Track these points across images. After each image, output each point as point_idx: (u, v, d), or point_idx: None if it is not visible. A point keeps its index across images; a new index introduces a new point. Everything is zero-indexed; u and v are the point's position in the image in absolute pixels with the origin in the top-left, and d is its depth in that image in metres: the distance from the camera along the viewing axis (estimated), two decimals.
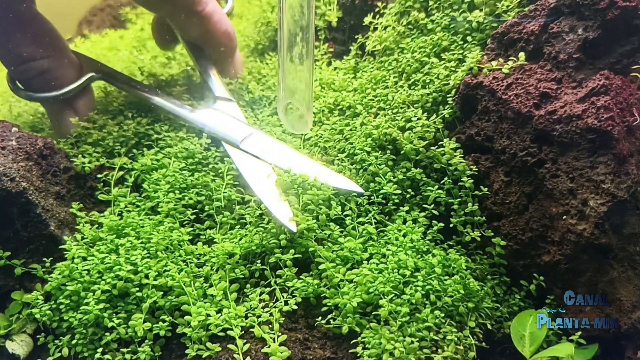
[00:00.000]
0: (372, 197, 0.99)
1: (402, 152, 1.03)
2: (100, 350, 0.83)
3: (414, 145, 1.01)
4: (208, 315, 0.85)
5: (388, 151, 1.04)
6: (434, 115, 1.05)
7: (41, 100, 1.11)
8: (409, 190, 1.00)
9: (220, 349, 0.82)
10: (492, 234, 0.95)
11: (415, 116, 1.04)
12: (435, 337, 0.82)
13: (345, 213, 0.97)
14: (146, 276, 0.89)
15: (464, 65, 1.04)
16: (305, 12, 0.88)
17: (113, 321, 0.85)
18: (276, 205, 0.94)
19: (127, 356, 0.83)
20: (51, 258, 0.92)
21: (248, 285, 0.92)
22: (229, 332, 0.83)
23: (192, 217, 1.00)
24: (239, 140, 1.06)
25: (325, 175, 0.99)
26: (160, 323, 0.85)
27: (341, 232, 0.96)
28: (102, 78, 1.14)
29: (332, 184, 0.97)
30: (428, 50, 1.13)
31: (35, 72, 1.04)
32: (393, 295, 0.85)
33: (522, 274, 0.93)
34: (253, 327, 0.85)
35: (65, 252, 0.92)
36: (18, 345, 0.87)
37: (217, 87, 1.19)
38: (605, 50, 0.93)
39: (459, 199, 0.97)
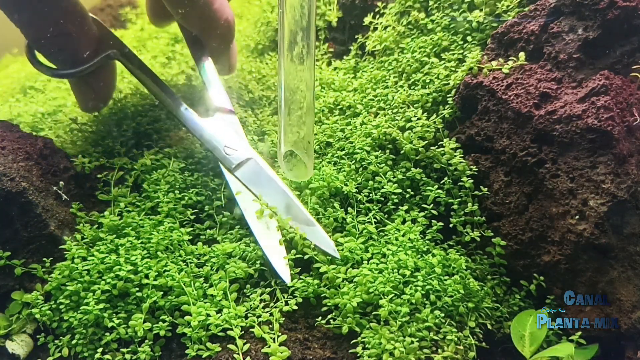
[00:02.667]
0: (371, 195, 0.99)
1: (402, 151, 1.03)
2: (100, 350, 0.83)
3: (413, 145, 1.01)
4: (208, 315, 0.85)
5: (388, 151, 1.04)
6: (434, 115, 1.05)
7: (59, 76, 1.08)
8: (409, 190, 1.00)
9: (220, 349, 0.82)
10: (492, 234, 0.95)
11: (415, 116, 1.04)
12: (435, 337, 0.82)
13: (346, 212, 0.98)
14: (146, 276, 0.89)
15: (464, 65, 1.04)
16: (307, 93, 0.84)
17: (113, 321, 0.85)
18: (273, 251, 0.91)
19: (127, 356, 0.83)
20: (51, 258, 0.92)
21: (248, 286, 0.92)
22: (229, 332, 0.83)
23: (192, 217, 1.00)
24: (233, 165, 1.00)
25: (310, 230, 0.93)
26: (160, 323, 0.85)
27: (341, 231, 0.96)
28: (118, 58, 1.04)
29: (314, 241, 0.91)
30: (428, 50, 1.13)
31: (54, 47, 0.97)
32: (393, 295, 0.85)
33: (522, 274, 0.93)
34: (253, 327, 0.85)
35: (65, 252, 0.92)
36: (18, 345, 0.87)
37: (217, 95, 1.08)
38: (605, 50, 0.93)
39: (459, 199, 0.97)
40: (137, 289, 0.88)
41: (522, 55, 0.98)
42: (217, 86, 1.09)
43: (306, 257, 0.89)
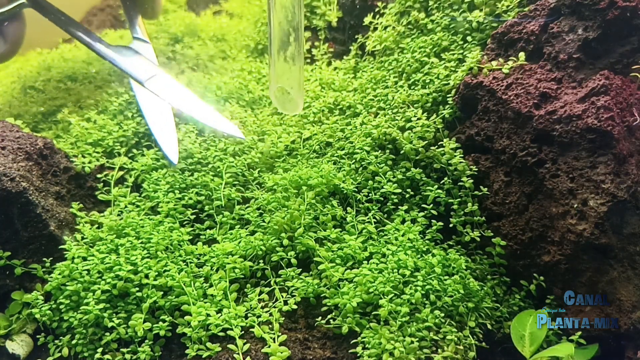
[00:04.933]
0: (371, 195, 0.99)
1: (402, 151, 1.03)
2: (100, 350, 0.84)
3: (413, 145, 1.01)
4: (208, 315, 0.85)
5: (388, 151, 1.04)
6: (434, 115, 1.05)
7: None
8: (409, 189, 1.00)
9: (220, 349, 0.82)
10: (492, 234, 0.95)
11: (415, 116, 1.04)
12: (435, 337, 0.82)
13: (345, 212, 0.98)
14: (146, 276, 0.89)
15: (464, 65, 1.04)
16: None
17: (113, 321, 0.85)
18: (164, 139, 1.08)
19: (127, 356, 0.83)
20: (51, 258, 0.92)
21: (248, 285, 0.92)
22: (229, 332, 0.83)
23: (192, 217, 1.00)
24: (144, 79, 1.11)
25: (214, 119, 1.07)
26: (160, 323, 0.85)
27: (341, 231, 0.96)
28: (32, 6, 1.14)
29: (215, 127, 1.06)
30: (428, 50, 1.13)
31: None
32: (393, 295, 0.85)
33: (522, 274, 0.93)
34: (253, 327, 0.85)
35: (65, 252, 0.92)
36: (18, 345, 0.87)
37: (137, 28, 1.25)
38: (605, 50, 0.93)
39: (459, 199, 0.97)
40: (137, 289, 0.88)
41: (522, 55, 0.98)
42: (141, 27, 1.27)
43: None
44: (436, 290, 0.86)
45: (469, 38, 1.10)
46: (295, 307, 0.87)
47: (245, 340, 0.83)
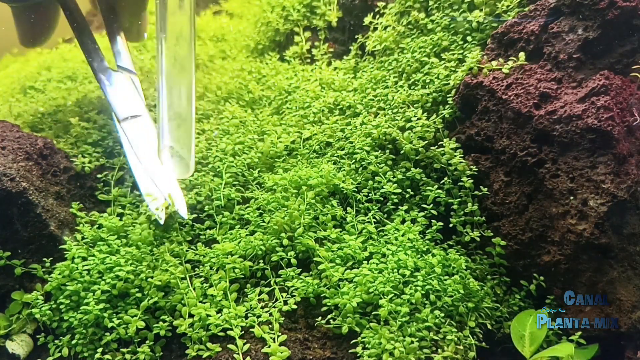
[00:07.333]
0: (371, 195, 0.99)
1: (402, 151, 1.03)
2: (100, 350, 0.83)
3: (413, 145, 1.01)
4: (208, 315, 0.85)
5: (388, 151, 1.04)
6: (434, 115, 1.04)
7: (6, 2, 1.06)
8: (409, 190, 1.00)
9: (220, 349, 0.82)
10: (492, 234, 0.95)
11: (415, 116, 1.04)
12: (435, 337, 0.82)
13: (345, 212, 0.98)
14: (148, 277, 0.88)
15: (464, 65, 1.04)
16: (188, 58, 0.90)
17: (113, 321, 0.85)
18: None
19: (127, 356, 0.83)
20: (51, 258, 0.92)
21: (248, 285, 0.92)
22: (229, 332, 0.83)
23: (192, 217, 1.00)
24: (123, 117, 1.03)
25: (167, 187, 0.98)
26: (161, 323, 0.85)
27: (341, 231, 0.96)
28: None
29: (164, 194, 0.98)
30: (428, 50, 1.13)
31: None
32: (393, 295, 0.85)
33: (522, 274, 0.93)
34: (253, 327, 0.85)
35: (65, 252, 0.92)
36: (18, 345, 0.87)
37: (122, 55, 1.13)
38: (605, 50, 0.93)
39: (459, 199, 0.97)
40: (137, 289, 0.87)
41: (522, 55, 0.98)
42: (125, 54, 1.14)
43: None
44: (436, 290, 0.86)
45: (469, 38, 1.10)
46: (295, 307, 0.87)
47: (245, 340, 0.83)
